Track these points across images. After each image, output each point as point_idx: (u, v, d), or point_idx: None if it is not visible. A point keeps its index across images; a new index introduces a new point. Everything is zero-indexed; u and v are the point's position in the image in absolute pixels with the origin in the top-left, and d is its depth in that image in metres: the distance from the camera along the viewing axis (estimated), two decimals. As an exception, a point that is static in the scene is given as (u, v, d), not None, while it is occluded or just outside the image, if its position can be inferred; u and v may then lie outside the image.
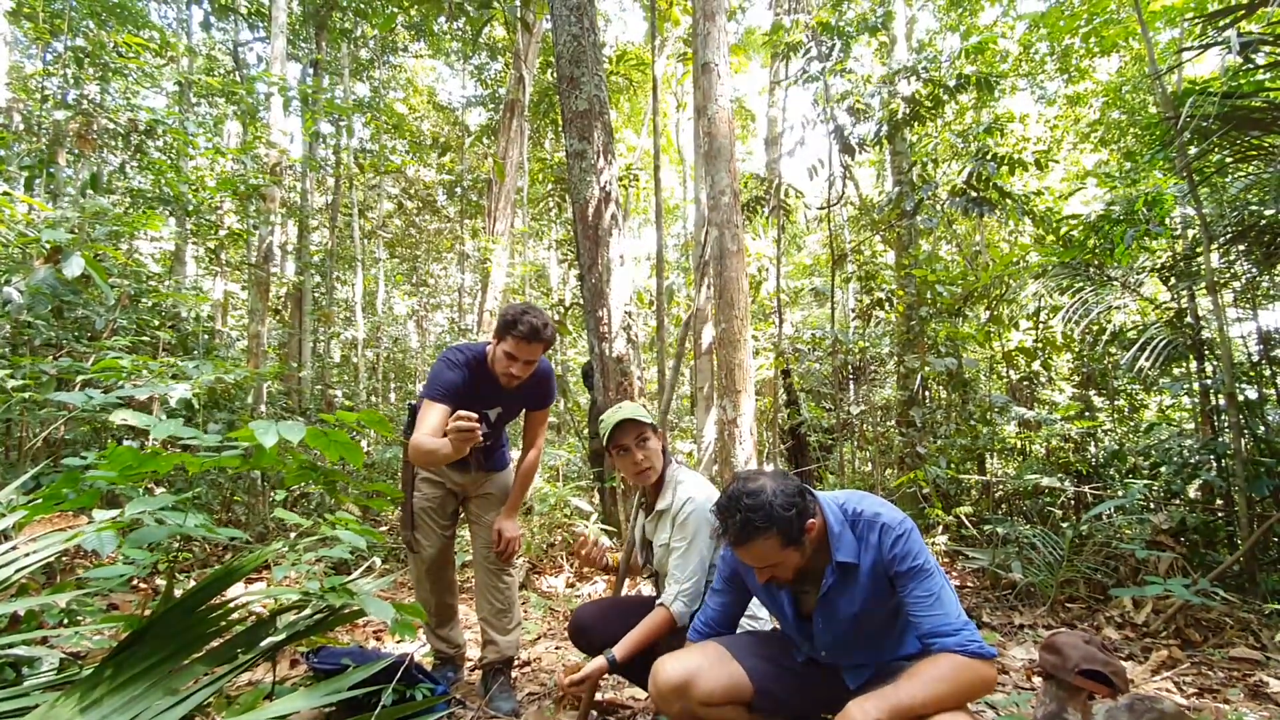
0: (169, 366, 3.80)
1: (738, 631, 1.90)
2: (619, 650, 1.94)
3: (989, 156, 5.15)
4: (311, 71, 10.04)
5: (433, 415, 2.26)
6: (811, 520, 1.50)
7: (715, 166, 3.83)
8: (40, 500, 1.56)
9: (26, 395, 3.50)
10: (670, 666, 1.67)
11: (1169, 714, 1.45)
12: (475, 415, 1.97)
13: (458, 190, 11.56)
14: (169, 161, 7.23)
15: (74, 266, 3.58)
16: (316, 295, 11.13)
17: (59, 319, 5.11)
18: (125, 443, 3.92)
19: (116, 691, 1.44)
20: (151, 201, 6.84)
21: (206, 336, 6.62)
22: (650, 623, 1.96)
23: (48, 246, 3.77)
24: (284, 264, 11.86)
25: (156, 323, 5.85)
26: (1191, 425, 5.67)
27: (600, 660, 1.95)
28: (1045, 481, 4.75)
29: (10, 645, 1.77)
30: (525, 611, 4.30)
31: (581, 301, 5.31)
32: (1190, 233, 4.95)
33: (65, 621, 2.15)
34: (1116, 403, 6.13)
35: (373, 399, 11.19)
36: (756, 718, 1.73)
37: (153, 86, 9.54)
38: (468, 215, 11.91)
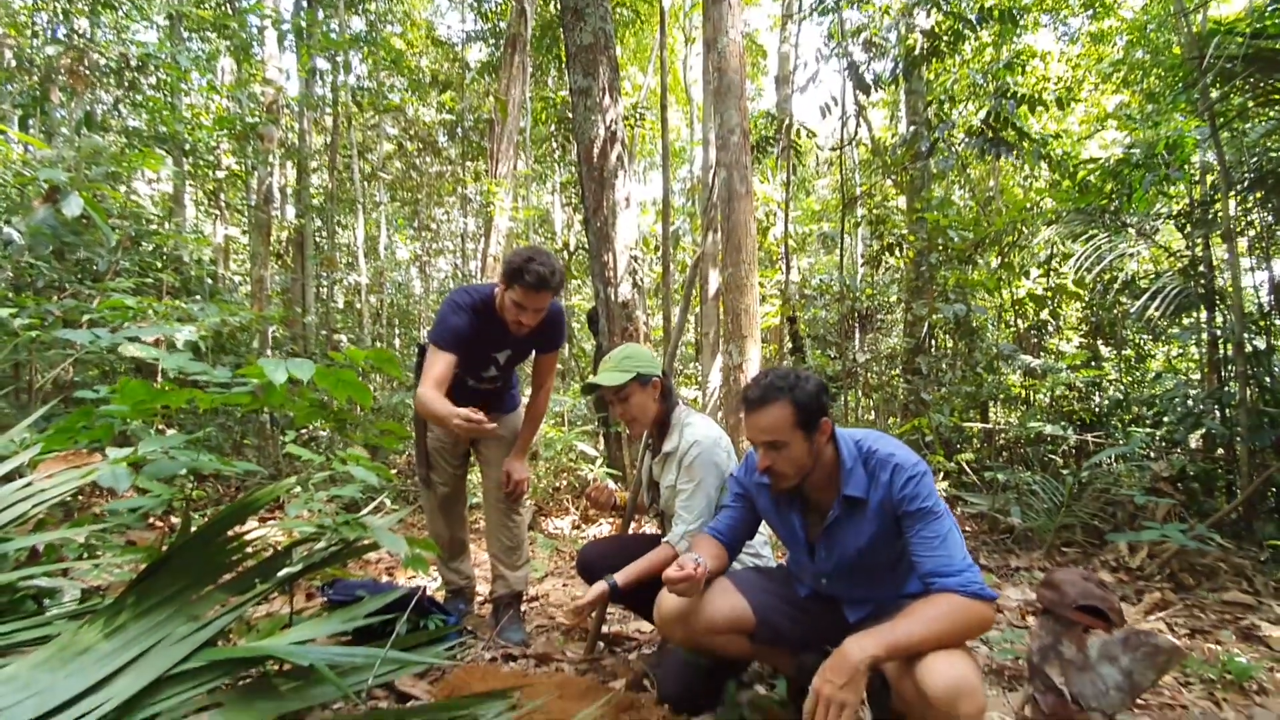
0: (174, 309, 3.79)
1: (742, 569, 1.94)
2: (621, 576, 1.99)
3: (1008, 95, 4.97)
4: (305, 4, 9.66)
5: (439, 364, 2.25)
6: (826, 420, 1.55)
7: (725, 103, 3.70)
8: (54, 433, 1.57)
9: (34, 334, 3.50)
10: (675, 597, 1.72)
11: (1163, 648, 1.49)
12: (484, 417, 2.00)
13: (459, 131, 11.28)
14: (163, 99, 7.05)
15: (73, 206, 3.53)
16: (318, 240, 11.02)
17: (61, 261, 5.08)
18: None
19: (139, 618, 1.48)
20: (147, 141, 6.69)
21: (210, 281, 6.58)
22: (654, 556, 1.99)
23: (45, 186, 3.71)
24: (284, 207, 11.69)
25: (159, 265, 5.81)
26: (1197, 376, 5.66)
27: (602, 584, 1.99)
28: (1048, 429, 4.77)
29: (31, 576, 1.82)
30: (533, 551, 4.40)
31: (586, 246, 5.24)
32: (1209, 179, 4.83)
33: (85, 555, 2.21)
34: (1123, 352, 6.10)
35: (378, 345, 11.20)
36: (757, 647, 1.78)
37: (143, 20, 9.21)
38: (469, 157, 11.65)
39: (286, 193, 11.38)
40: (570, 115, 5.39)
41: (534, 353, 2.60)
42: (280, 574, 1.68)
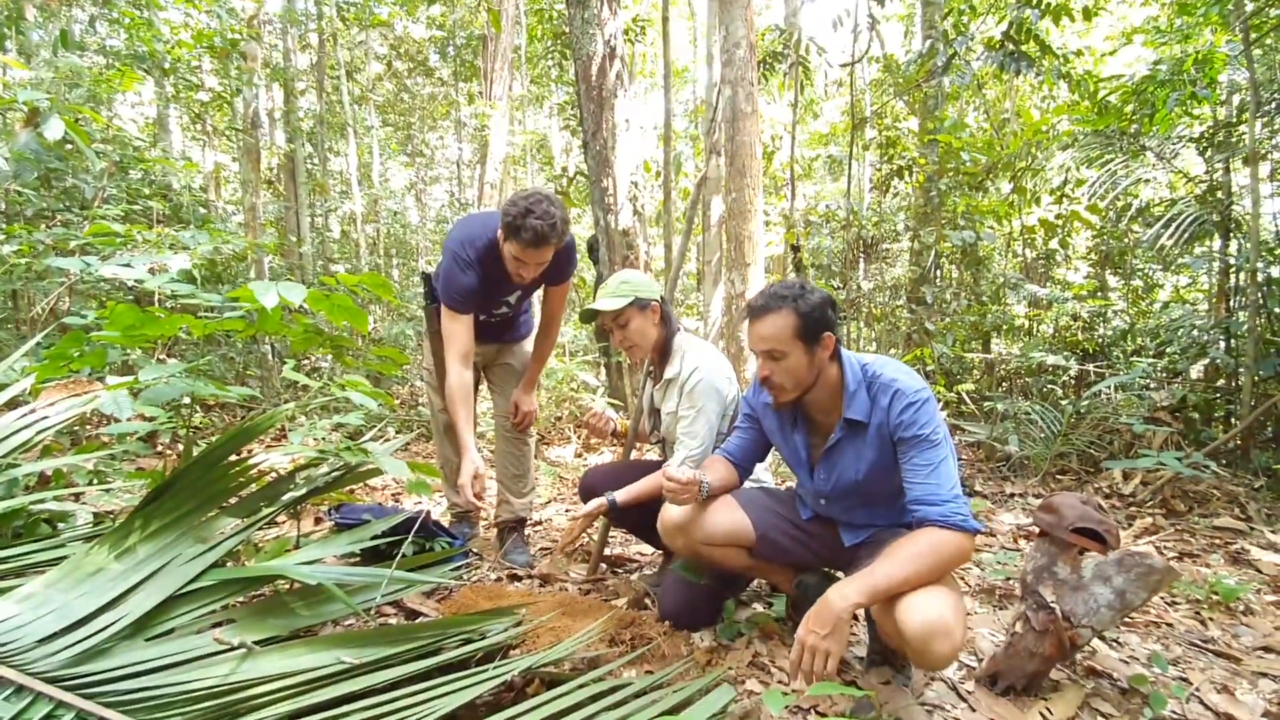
0: (165, 237, 3.70)
1: (748, 488, 1.96)
2: (621, 494, 2.02)
3: (1032, 3, 4.68)
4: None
5: (459, 333, 2.24)
6: (829, 335, 1.54)
7: (730, 14, 3.49)
8: (48, 360, 1.55)
9: (24, 262, 3.44)
10: (678, 507, 1.76)
11: (1157, 568, 1.51)
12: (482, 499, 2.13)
13: (450, 49, 10.76)
14: (139, 16, 6.69)
15: (54, 129, 3.40)
16: (309, 166, 10.71)
17: (48, 188, 4.96)
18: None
19: (148, 540, 1.50)
20: (126, 60, 6.40)
21: (202, 209, 6.43)
22: (656, 478, 2.00)
23: (25, 109, 3.57)
24: (273, 132, 11.31)
25: (148, 193, 5.66)
26: (1204, 307, 5.60)
27: (601, 500, 2.03)
28: (1050, 360, 4.76)
29: (43, 501, 1.85)
30: (536, 478, 4.49)
31: (585, 171, 5.08)
32: (1236, 99, 4.62)
33: (94, 481, 2.24)
34: (1132, 283, 6.02)
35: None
36: (757, 562, 1.82)
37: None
38: (462, 78, 11.17)
39: (275, 117, 10.98)
40: (567, 30, 5.12)
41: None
42: (285, 498, 1.70)
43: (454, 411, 2.26)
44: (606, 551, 2.62)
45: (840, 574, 1.82)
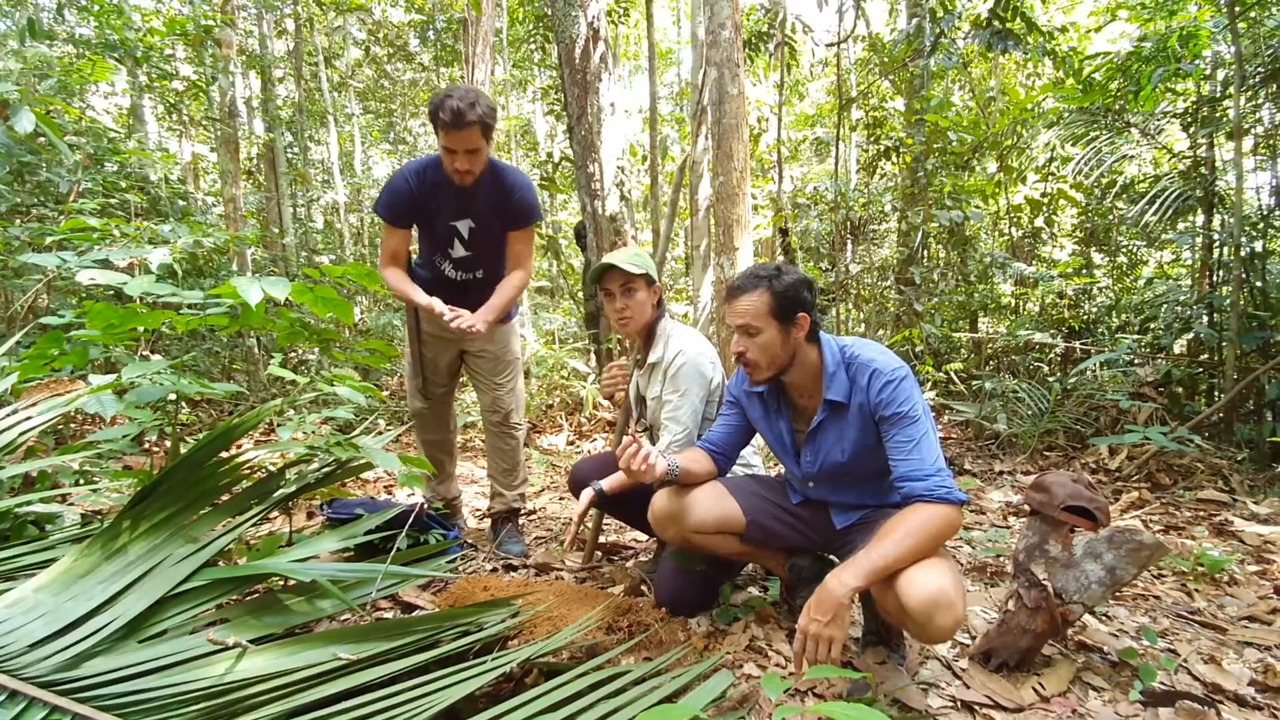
0: (143, 230, 3.63)
1: (738, 476, 1.97)
2: (607, 483, 2.04)
3: (1018, -19, 4.65)
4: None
5: (389, 239, 2.36)
6: (803, 314, 1.57)
7: (716, -4, 3.45)
8: (27, 360, 1.52)
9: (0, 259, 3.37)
10: (667, 495, 1.78)
11: (1146, 544, 1.53)
12: (443, 308, 2.04)
13: (430, 33, 10.57)
14: (109, 3, 6.51)
15: (24, 122, 3.31)
16: (290, 156, 10.54)
17: (21, 183, 4.85)
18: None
19: (138, 541, 1.49)
20: (97, 49, 6.23)
21: (181, 202, 6.31)
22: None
23: (-6, 101, 3.47)
24: (251, 121, 11.11)
25: (125, 186, 5.55)
26: (1189, 281, 5.66)
27: (589, 491, 2.04)
28: (1037, 337, 4.80)
29: (29, 503, 1.82)
30: (529, 467, 4.48)
31: (571, 157, 5.03)
32: (1220, 74, 4.63)
33: (81, 481, 2.21)
34: (1117, 259, 6.07)
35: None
36: (748, 547, 1.83)
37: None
38: (443, 63, 10.99)
39: (253, 105, 10.78)
40: (549, 12, 5.04)
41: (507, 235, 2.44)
42: (276, 494, 1.68)
43: (393, 284, 2.30)
44: (601, 539, 2.63)
45: (833, 557, 1.84)
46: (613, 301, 2.11)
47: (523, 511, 2.86)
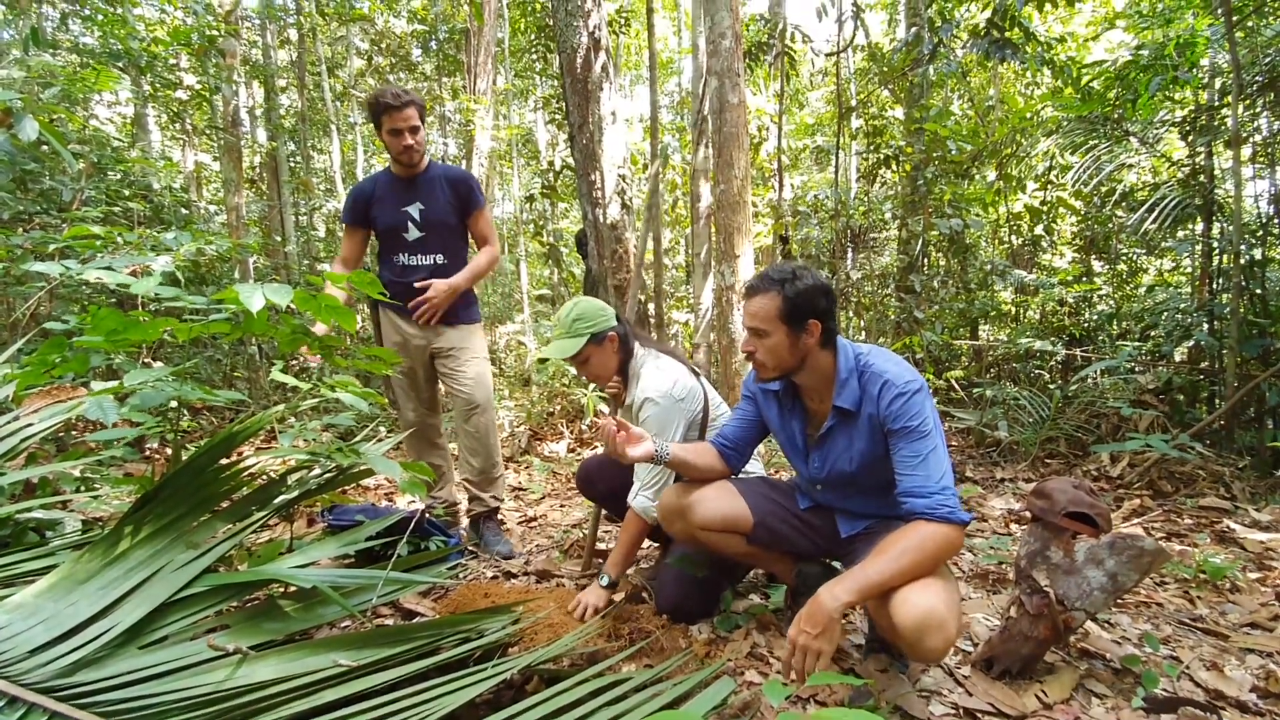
0: (146, 239, 3.65)
1: (748, 477, 1.97)
2: (611, 570, 1.98)
3: (1016, -9, 4.67)
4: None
5: (346, 243, 2.63)
6: (814, 321, 1.56)
7: (715, 3, 3.46)
8: (29, 367, 1.52)
9: (2, 267, 3.39)
10: (677, 490, 1.79)
11: (1148, 550, 1.53)
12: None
13: (433, 43, 10.64)
14: (113, 13, 6.57)
15: (28, 130, 3.34)
16: (292, 164, 10.58)
17: (25, 191, 4.87)
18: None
19: (138, 547, 1.49)
20: (101, 58, 6.28)
21: (184, 210, 6.33)
22: (627, 533, 2.01)
23: (-3, 109, 3.50)
24: (254, 130, 11.17)
25: (128, 194, 5.57)
26: (1188, 290, 5.66)
27: (600, 590, 1.94)
28: (1037, 345, 4.80)
29: (30, 509, 1.82)
30: (530, 475, 4.48)
31: (572, 165, 5.05)
32: (1218, 82, 4.66)
33: (81, 488, 2.21)
34: (1117, 267, 6.07)
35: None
36: (754, 549, 1.82)
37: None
38: (446, 73, 11.06)
39: (256, 114, 10.84)
40: (551, 23, 5.07)
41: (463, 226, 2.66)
42: (276, 501, 1.68)
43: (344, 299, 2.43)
44: (600, 546, 2.63)
45: (839, 565, 1.83)
46: (578, 371, 2.11)
47: (525, 518, 2.87)
